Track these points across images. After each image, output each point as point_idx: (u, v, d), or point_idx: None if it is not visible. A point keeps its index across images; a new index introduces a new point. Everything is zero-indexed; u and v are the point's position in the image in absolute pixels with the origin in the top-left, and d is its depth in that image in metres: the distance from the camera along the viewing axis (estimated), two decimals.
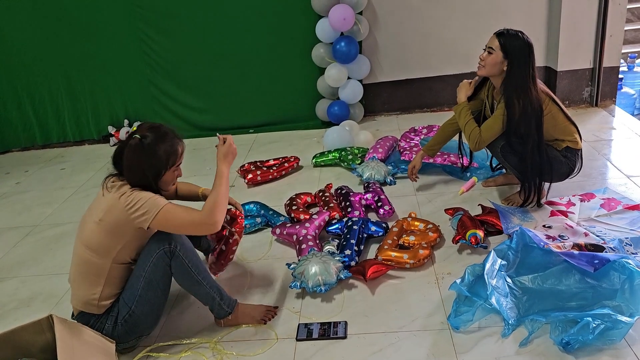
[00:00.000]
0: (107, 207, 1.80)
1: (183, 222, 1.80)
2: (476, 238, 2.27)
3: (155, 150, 1.81)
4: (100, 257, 1.82)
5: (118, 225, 1.79)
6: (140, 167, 1.81)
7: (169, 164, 1.86)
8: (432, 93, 4.33)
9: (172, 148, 1.86)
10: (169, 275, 1.89)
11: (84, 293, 1.85)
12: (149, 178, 1.82)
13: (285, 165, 3.42)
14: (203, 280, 1.92)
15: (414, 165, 2.91)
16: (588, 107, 4.07)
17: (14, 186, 3.88)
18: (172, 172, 1.90)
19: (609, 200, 2.56)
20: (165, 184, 1.90)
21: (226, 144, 1.97)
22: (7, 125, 4.60)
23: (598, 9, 3.79)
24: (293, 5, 4.02)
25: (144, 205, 1.76)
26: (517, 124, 2.37)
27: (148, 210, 1.76)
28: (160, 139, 1.83)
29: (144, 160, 1.80)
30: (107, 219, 1.79)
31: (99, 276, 1.83)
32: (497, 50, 2.37)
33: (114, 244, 1.82)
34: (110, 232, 1.80)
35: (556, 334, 1.76)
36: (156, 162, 1.82)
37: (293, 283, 2.13)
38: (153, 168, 1.82)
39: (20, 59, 4.37)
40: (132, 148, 1.80)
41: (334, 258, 2.19)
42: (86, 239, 1.84)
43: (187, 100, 4.41)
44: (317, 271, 2.10)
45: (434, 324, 1.93)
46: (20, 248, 2.92)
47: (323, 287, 2.08)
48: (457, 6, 4.03)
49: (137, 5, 4.12)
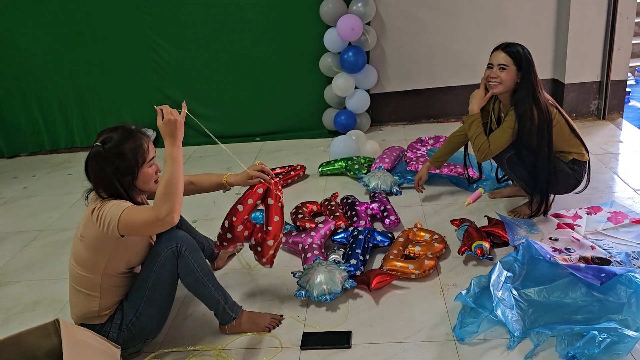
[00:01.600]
0: (85, 222, 1.77)
1: (140, 222, 1.67)
2: (482, 249, 2.27)
3: (120, 151, 1.73)
4: (90, 272, 1.80)
5: (96, 240, 1.75)
6: (108, 175, 1.72)
7: (140, 161, 1.77)
8: (439, 104, 4.34)
9: (137, 143, 1.77)
10: (175, 277, 1.89)
11: (81, 308, 1.84)
12: (123, 183, 1.74)
13: (292, 173, 3.43)
14: (208, 282, 1.92)
15: (420, 177, 2.91)
16: (595, 120, 4.07)
17: (21, 190, 3.90)
18: (148, 169, 1.81)
19: (616, 213, 2.55)
20: (145, 183, 1.81)
21: (166, 120, 1.73)
22: (15, 130, 4.64)
23: (606, 22, 3.80)
24: (301, 14, 4.05)
25: (107, 214, 1.69)
26: (529, 135, 2.37)
27: (112, 218, 1.68)
28: (122, 139, 1.75)
29: (110, 166, 1.72)
30: (86, 234, 1.76)
31: (92, 290, 1.82)
32: (511, 65, 2.37)
33: (97, 258, 1.78)
34: (92, 248, 1.76)
35: (562, 347, 1.75)
36: (126, 164, 1.74)
37: (298, 292, 2.13)
38: (125, 170, 1.74)
39: (30, 64, 4.41)
40: (95, 157, 1.73)
41: (340, 267, 2.19)
42: (74, 255, 1.82)
43: (194, 108, 4.41)
44: (322, 280, 2.10)
45: (439, 335, 1.92)
46: (27, 252, 2.93)
47: (328, 297, 2.08)
48: (465, 18, 4.05)
49: (147, 12, 4.16)
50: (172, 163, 1.70)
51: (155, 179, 1.85)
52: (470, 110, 2.53)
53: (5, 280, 2.66)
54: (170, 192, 1.66)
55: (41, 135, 4.66)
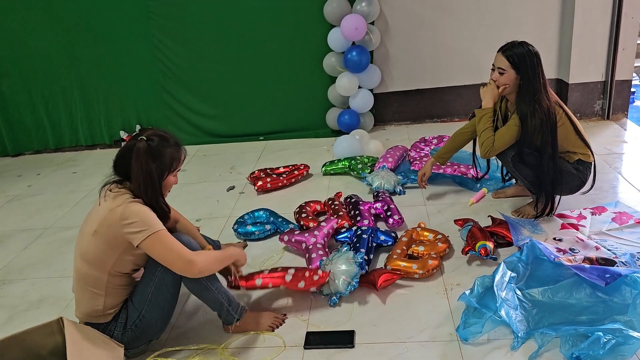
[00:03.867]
0: (102, 218, 1.76)
1: (172, 252, 1.76)
2: (486, 249, 2.26)
3: (162, 152, 1.81)
4: (97, 269, 1.80)
5: (113, 237, 1.76)
6: (149, 169, 1.79)
7: (172, 167, 1.86)
8: (443, 103, 4.33)
9: (177, 152, 1.87)
10: (178, 280, 1.89)
11: (86, 306, 1.85)
12: (155, 180, 1.81)
13: (295, 173, 3.43)
14: (211, 286, 1.92)
15: (424, 173, 2.90)
16: (600, 120, 4.05)
17: (26, 189, 3.92)
18: (173, 177, 1.90)
19: (621, 214, 2.54)
20: (166, 188, 1.89)
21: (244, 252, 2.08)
22: (20, 128, 4.66)
23: (611, 22, 3.79)
24: (305, 14, 4.05)
25: (140, 222, 1.73)
26: (532, 136, 2.36)
27: (142, 230, 1.72)
28: (166, 142, 1.84)
29: (151, 162, 1.79)
30: (101, 230, 1.76)
31: (98, 288, 1.82)
32: (509, 69, 2.37)
33: (108, 256, 1.79)
34: (105, 244, 1.77)
35: (566, 348, 1.74)
36: (162, 165, 1.82)
37: (331, 300, 2.13)
38: (158, 170, 1.81)
39: (35, 63, 4.43)
40: (141, 151, 1.78)
41: (341, 251, 2.22)
42: (83, 251, 1.82)
43: (198, 107, 4.44)
44: (340, 274, 2.12)
45: (442, 335, 1.92)
46: (31, 250, 2.94)
47: (354, 283, 2.11)
48: (469, 17, 4.04)
49: (152, 12, 4.17)
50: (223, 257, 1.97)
51: (169, 190, 1.94)
52: (484, 104, 2.51)
53: (10, 278, 2.67)
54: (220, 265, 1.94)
55: (46, 133, 4.68)
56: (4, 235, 3.17)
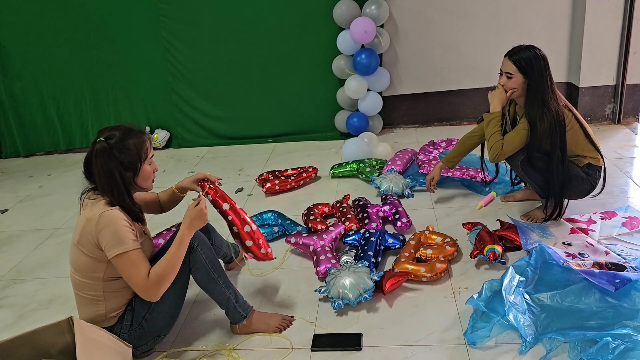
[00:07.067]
0: (82, 227, 1.75)
1: (130, 277, 1.72)
2: (494, 253, 2.25)
3: (125, 146, 1.77)
4: (89, 278, 1.79)
5: (93, 245, 1.74)
6: (112, 171, 1.74)
7: (142, 157, 1.81)
8: (452, 107, 4.32)
9: (141, 140, 1.82)
10: (187, 272, 1.90)
11: (88, 312, 1.84)
12: (124, 179, 1.77)
13: (304, 175, 3.44)
14: (219, 279, 1.94)
15: (432, 177, 2.90)
16: (610, 124, 4.03)
17: (37, 189, 3.95)
18: (148, 166, 1.85)
19: (631, 219, 2.52)
20: (144, 180, 1.85)
21: (197, 207, 1.84)
22: (31, 129, 4.71)
23: (622, 25, 3.76)
24: (315, 17, 4.06)
25: (111, 238, 1.70)
26: (541, 139, 2.35)
27: (113, 245, 1.70)
28: (126, 135, 1.79)
29: (115, 161, 1.74)
30: (82, 240, 1.75)
31: (96, 295, 1.81)
32: (516, 73, 2.36)
33: (96, 265, 1.77)
34: (89, 253, 1.75)
35: (575, 353, 1.73)
36: (130, 158, 1.78)
37: (335, 304, 2.10)
38: (128, 165, 1.78)
39: (47, 65, 4.48)
40: (100, 153, 1.74)
41: (358, 265, 2.19)
42: (72, 261, 1.82)
43: (207, 109, 4.46)
44: (353, 282, 2.09)
45: (450, 339, 1.91)
46: (41, 250, 2.97)
47: (366, 295, 2.08)
48: (479, 21, 4.03)
49: (162, 14, 4.20)
50: (179, 246, 1.80)
51: (153, 177, 1.90)
52: (493, 108, 2.50)
53: (21, 277, 2.70)
54: (170, 277, 1.77)
55: (57, 134, 4.72)
56: (14, 235, 3.21)
